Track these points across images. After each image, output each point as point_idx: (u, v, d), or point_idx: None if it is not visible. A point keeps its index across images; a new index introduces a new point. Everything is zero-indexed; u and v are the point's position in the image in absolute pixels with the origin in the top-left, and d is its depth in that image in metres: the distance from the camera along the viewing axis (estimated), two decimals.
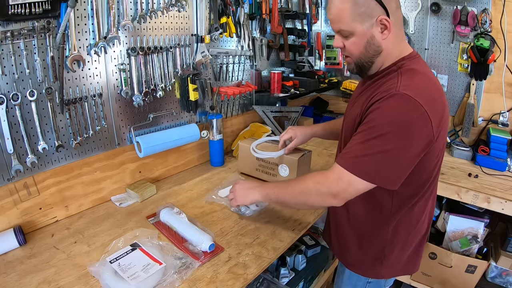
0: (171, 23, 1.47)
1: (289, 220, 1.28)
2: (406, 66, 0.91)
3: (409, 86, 0.84)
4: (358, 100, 1.00)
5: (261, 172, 1.58)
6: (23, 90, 1.06)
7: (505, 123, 1.90)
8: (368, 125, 0.86)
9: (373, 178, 0.86)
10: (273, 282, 1.56)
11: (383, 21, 0.86)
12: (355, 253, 1.10)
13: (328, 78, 2.46)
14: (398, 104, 0.83)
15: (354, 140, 0.89)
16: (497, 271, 1.74)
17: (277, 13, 1.98)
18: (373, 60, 0.94)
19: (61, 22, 1.07)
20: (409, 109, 0.81)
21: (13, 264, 1.01)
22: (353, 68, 0.99)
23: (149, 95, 1.43)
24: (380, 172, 0.85)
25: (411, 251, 1.09)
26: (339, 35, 0.94)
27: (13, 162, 1.08)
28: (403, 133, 0.82)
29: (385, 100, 0.84)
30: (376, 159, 0.84)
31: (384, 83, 0.90)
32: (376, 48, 0.91)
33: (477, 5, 1.84)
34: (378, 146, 0.83)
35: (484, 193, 1.54)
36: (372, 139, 0.84)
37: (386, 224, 1.02)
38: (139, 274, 0.91)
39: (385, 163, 0.84)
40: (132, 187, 1.44)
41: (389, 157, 0.84)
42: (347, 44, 0.93)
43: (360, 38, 0.90)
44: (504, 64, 1.85)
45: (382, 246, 1.05)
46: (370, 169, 0.85)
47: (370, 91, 0.94)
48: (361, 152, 0.86)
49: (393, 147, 0.83)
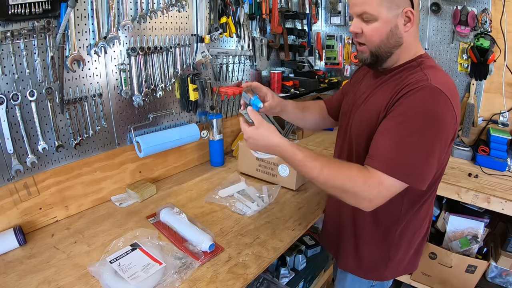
0: (171, 23, 1.47)
1: (289, 220, 1.28)
2: (426, 63, 0.89)
3: (438, 80, 0.82)
4: (374, 94, 0.95)
5: (261, 172, 1.58)
6: (23, 90, 1.06)
7: (505, 123, 1.90)
8: (399, 120, 0.82)
9: (410, 179, 0.81)
10: (273, 282, 1.56)
11: (408, 13, 0.84)
12: (358, 257, 1.08)
13: (328, 78, 2.46)
14: (430, 96, 0.79)
15: (385, 138, 0.83)
16: (497, 271, 1.74)
17: (277, 13, 1.98)
18: (392, 51, 0.89)
19: (61, 22, 1.07)
20: (440, 103, 0.79)
21: (13, 264, 1.01)
22: (367, 58, 0.93)
23: (149, 95, 1.43)
24: (417, 171, 0.81)
25: (413, 251, 1.08)
26: (360, 19, 0.88)
27: (13, 162, 1.08)
28: (436, 127, 0.79)
29: (417, 92, 0.80)
30: (414, 158, 0.80)
31: (408, 77, 0.86)
32: (398, 39, 0.87)
33: (477, 5, 1.84)
34: (414, 144, 0.79)
35: (484, 193, 1.54)
36: (406, 136, 0.80)
37: (394, 226, 1.00)
38: (139, 274, 0.91)
39: (421, 161, 0.80)
40: (132, 187, 1.44)
41: (425, 155, 0.80)
42: (367, 30, 0.87)
43: (383, 25, 0.85)
44: (504, 64, 1.85)
45: (388, 248, 1.03)
46: (408, 169, 0.81)
47: (393, 84, 0.89)
48: (397, 152, 0.80)
49: (428, 143, 0.79)
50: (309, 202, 1.42)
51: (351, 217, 1.06)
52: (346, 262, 1.13)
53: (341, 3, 2.35)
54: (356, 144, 0.98)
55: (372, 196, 0.82)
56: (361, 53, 0.95)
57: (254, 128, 0.92)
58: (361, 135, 0.95)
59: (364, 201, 0.83)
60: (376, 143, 0.85)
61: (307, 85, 2.22)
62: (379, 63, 0.93)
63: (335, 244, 1.17)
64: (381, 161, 0.82)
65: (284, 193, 1.48)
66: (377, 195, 0.82)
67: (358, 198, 0.83)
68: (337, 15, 2.39)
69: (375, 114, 0.90)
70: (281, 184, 1.52)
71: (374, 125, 0.89)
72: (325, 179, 0.85)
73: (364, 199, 0.82)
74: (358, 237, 1.06)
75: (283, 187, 1.51)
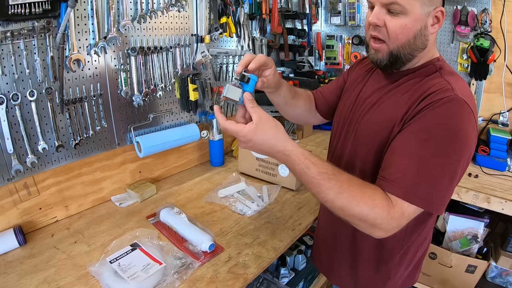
0: (171, 23, 1.47)
1: (289, 220, 1.28)
2: (445, 68, 0.79)
3: (462, 90, 0.72)
4: (385, 100, 0.82)
5: (261, 172, 1.58)
6: (23, 90, 1.06)
7: (505, 123, 1.90)
8: (422, 137, 0.70)
9: (432, 206, 0.71)
10: (273, 282, 1.56)
11: (439, 14, 0.73)
12: (354, 276, 1.00)
13: (328, 78, 2.46)
14: (458, 111, 0.69)
15: (405, 158, 0.71)
16: (497, 271, 1.74)
17: (277, 13, 1.98)
18: (415, 54, 0.77)
19: (61, 22, 1.07)
20: (467, 119, 0.69)
21: (13, 264, 1.01)
22: (383, 59, 0.78)
23: (149, 95, 1.43)
24: (440, 198, 0.71)
25: (413, 267, 1.01)
26: (384, 10, 0.73)
27: (13, 162, 1.08)
28: (461, 147, 0.69)
29: (443, 105, 0.69)
30: (438, 184, 0.70)
31: (427, 83, 0.76)
32: (425, 41, 0.76)
33: (477, 5, 1.84)
34: (439, 167, 0.69)
35: (484, 193, 1.54)
36: (430, 157, 0.69)
37: (398, 248, 0.92)
38: (139, 274, 0.91)
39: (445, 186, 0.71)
40: (132, 187, 1.44)
41: (449, 179, 0.70)
42: (392, 25, 0.73)
43: (413, 22, 0.72)
44: (504, 64, 1.85)
45: (389, 269, 0.95)
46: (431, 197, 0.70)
47: (410, 91, 0.77)
48: (420, 176, 0.69)
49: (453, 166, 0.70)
50: (309, 202, 1.42)
51: (350, 239, 0.96)
52: (340, 280, 1.06)
53: (341, 3, 2.35)
54: (361, 156, 0.86)
55: (390, 227, 0.71)
56: (375, 52, 0.79)
57: (254, 126, 0.71)
58: (369, 147, 0.83)
59: (380, 231, 0.71)
60: (395, 163, 0.73)
61: (307, 85, 2.21)
62: (396, 66, 0.79)
63: (329, 263, 1.08)
64: (402, 187, 0.70)
65: (284, 193, 1.48)
66: (396, 226, 0.71)
67: (374, 228, 0.71)
68: (337, 15, 2.39)
69: (388, 125, 0.78)
70: (281, 184, 1.52)
71: (386, 137, 0.78)
72: (343, 205, 0.70)
73: (381, 229, 0.71)
74: (357, 258, 0.97)
75: (283, 187, 1.51)
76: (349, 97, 0.97)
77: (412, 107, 0.74)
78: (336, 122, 1.02)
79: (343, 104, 0.99)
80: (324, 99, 1.12)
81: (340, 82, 1.09)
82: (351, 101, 0.94)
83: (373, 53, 0.80)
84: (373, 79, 0.91)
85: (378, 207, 0.69)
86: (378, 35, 0.76)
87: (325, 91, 1.13)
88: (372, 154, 0.83)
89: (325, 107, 1.12)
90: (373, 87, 0.89)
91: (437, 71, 0.78)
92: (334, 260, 1.05)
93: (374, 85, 0.89)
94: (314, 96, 1.15)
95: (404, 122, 0.75)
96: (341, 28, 2.45)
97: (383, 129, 0.79)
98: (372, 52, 0.81)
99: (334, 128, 1.02)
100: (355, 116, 0.90)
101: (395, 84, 0.83)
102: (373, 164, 0.82)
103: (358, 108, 0.90)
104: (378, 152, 0.81)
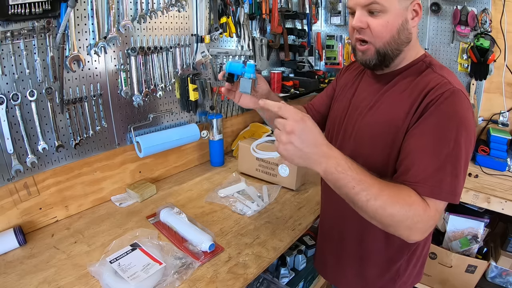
0: (171, 23, 1.47)
1: (289, 220, 1.28)
2: (434, 63, 0.82)
3: (457, 82, 0.76)
4: (384, 102, 0.84)
5: (261, 172, 1.58)
6: (23, 90, 1.06)
7: (505, 123, 1.90)
8: (436, 134, 0.72)
9: (455, 197, 0.72)
10: (273, 282, 1.56)
11: (416, 7, 0.78)
12: (364, 281, 0.99)
13: (328, 78, 2.46)
14: (460, 102, 0.73)
15: (426, 158, 0.72)
16: (497, 271, 1.74)
17: (277, 13, 1.98)
18: (401, 48, 0.80)
19: (61, 22, 1.07)
20: (468, 108, 0.74)
21: (13, 264, 1.01)
22: (372, 58, 0.81)
23: (149, 95, 1.43)
24: (460, 188, 0.73)
25: (420, 263, 1.01)
26: (365, 12, 0.77)
27: (13, 162, 1.08)
28: (468, 135, 0.73)
29: (447, 99, 0.72)
30: (458, 175, 0.72)
31: (422, 80, 0.79)
32: (408, 34, 0.79)
33: (477, 5, 1.84)
34: (456, 158, 0.71)
35: (484, 193, 1.54)
36: (449, 152, 0.71)
37: (406, 248, 0.92)
38: (139, 274, 0.91)
39: (463, 176, 0.73)
40: (132, 187, 1.44)
41: (464, 167, 0.73)
42: (374, 24, 0.77)
43: (394, 18, 0.76)
44: (504, 64, 1.85)
45: (397, 269, 0.95)
46: (455, 189, 0.72)
47: (408, 89, 0.80)
48: (443, 172, 0.71)
49: (466, 154, 0.73)
50: (309, 202, 1.42)
51: (359, 241, 0.95)
52: (347, 283, 1.04)
53: (341, 3, 2.35)
54: (364, 158, 0.82)
55: (428, 225, 0.70)
56: (362, 53, 0.82)
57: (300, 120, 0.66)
58: (372, 149, 0.83)
59: (417, 232, 0.70)
60: (414, 165, 0.73)
61: (307, 85, 2.22)
62: (385, 64, 0.82)
63: (334, 266, 1.07)
64: (428, 186, 0.70)
65: (284, 193, 1.48)
66: (433, 224, 0.72)
67: (412, 230, 0.69)
68: (337, 15, 2.40)
69: (391, 126, 0.79)
70: (281, 184, 1.52)
71: (391, 138, 0.79)
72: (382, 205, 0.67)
73: (419, 230, 0.70)
74: (365, 260, 0.97)
75: (283, 187, 1.51)
76: (341, 102, 0.98)
77: (415, 104, 0.76)
78: (329, 128, 1.03)
79: (335, 110, 1.01)
80: (316, 110, 1.14)
81: (329, 92, 1.11)
82: (344, 106, 0.95)
83: (361, 55, 0.83)
84: (364, 82, 0.93)
85: (415, 204, 0.69)
86: (363, 37, 0.80)
87: (316, 102, 1.15)
88: (376, 156, 0.83)
89: (318, 118, 1.12)
90: (366, 90, 0.90)
91: (428, 67, 0.81)
92: (340, 263, 1.05)
93: (367, 88, 0.90)
94: (306, 109, 1.16)
95: (409, 119, 0.77)
96: (341, 28, 2.45)
97: (386, 131, 0.80)
98: (359, 54, 0.84)
99: (325, 134, 0.99)
100: (351, 120, 0.91)
101: (389, 84, 0.84)
102: (378, 166, 0.82)
103: (353, 112, 0.91)
104: (383, 153, 0.81)
